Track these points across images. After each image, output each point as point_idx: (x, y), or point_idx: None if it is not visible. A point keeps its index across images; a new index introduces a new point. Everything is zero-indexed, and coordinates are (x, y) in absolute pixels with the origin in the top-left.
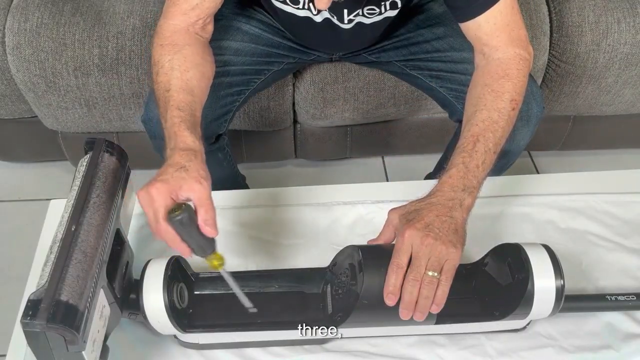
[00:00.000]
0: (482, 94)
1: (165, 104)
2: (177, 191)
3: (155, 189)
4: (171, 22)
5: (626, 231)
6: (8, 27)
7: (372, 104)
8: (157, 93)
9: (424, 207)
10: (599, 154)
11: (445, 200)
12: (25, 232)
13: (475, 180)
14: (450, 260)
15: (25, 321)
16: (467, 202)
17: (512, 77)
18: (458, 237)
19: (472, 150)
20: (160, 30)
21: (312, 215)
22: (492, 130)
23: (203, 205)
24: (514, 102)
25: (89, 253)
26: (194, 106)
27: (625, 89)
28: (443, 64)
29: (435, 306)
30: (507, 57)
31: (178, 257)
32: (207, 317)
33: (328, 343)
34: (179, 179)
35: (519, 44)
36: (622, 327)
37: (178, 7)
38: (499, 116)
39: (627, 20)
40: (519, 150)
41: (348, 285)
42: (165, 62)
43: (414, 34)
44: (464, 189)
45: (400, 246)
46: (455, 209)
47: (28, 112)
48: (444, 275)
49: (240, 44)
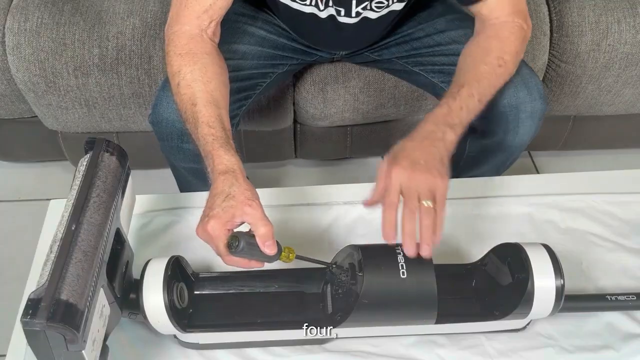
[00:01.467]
0: (471, 50)
1: (194, 120)
2: (231, 222)
3: (210, 227)
4: (186, 27)
5: (626, 231)
6: (8, 27)
7: (372, 104)
8: (181, 105)
9: (408, 144)
10: (599, 154)
11: (427, 132)
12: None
13: (458, 120)
14: (439, 189)
15: (25, 320)
16: (449, 137)
17: (502, 38)
18: (443, 166)
19: (456, 94)
20: (175, 38)
21: (312, 215)
22: (477, 80)
23: (258, 225)
24: (500, 59)
25: (89, 252)
26: (223, 118)
27: (626, 89)
28: (445, 57)
29: (435, 236)
30: (502, 21)
31: (178, 257)
32: (207, 317)
33: (328, 343)
34: (229, 209)
35: (519, 14)
36: (622, 327)
37: (190, 10)
38: (485, 69)
39: (627, 20)
40: (523, 145)
41: (348, 285)
42: (186, 73)
43: (415, 30)
44: (445, 124)
45: (389, 186)
46: (438, 140)
47: (28, 112)
48: (439, 204)
49: (248, 47)
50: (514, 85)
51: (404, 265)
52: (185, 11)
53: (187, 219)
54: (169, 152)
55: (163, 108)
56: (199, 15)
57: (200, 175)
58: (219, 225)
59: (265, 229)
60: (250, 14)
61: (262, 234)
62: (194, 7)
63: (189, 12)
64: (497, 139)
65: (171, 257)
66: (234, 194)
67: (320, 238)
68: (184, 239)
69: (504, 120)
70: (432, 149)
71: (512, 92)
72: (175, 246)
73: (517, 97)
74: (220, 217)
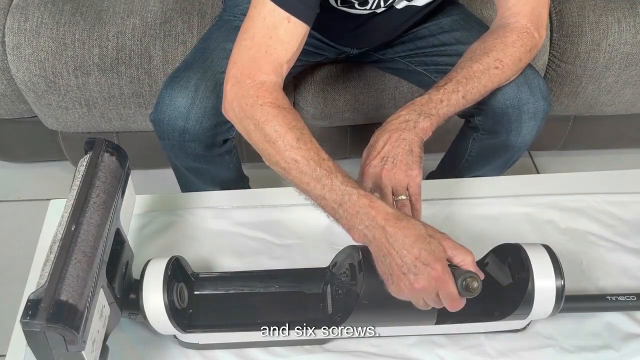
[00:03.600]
0: (473, 48)
1: (328, 170)
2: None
3: (441, 270)
4: (272, 77)
5: (626, 231)
6: (8, 27)
7: (372, 105)
8: (288, 165)
9: (379, 138)
10: (599, 154)
11: (398, 123)
12: (25, 232)
13: (435, 111)
14: (411, 181)
15: (25, 321)
16: (422, 125)
17: (508, 41)
18: (414, 157)
19: (441, 87)
20: (255, 88)
21: (312, 215)
22: (468, 77)
23: (462, 252)
24: (498, 61)
25: (88, 253)
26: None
27: (626, 89)
28: (449, 57)
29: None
30: (515, 25)
31: (178, 257)
32: (207, 317)
33: (328, 343)
34: (439, 248)
35: (535, 21)
36: (622, 327)
37: (274, 57)
38: (479, 67)
39: (627, 20)
40: (525, 145)
41: (348, 285)
42: (302, 128)
43: (420, 28)
44: (420, 113)
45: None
46: (408, 130)
47: (28, 112)
48: (413, 197)
49: None
50: (517, 85)
51: None
52: (266, 58)
53: (187, 219)
54: (170, 151)
55: (165, 106)
56: (282, 64)
57: (201, 174)
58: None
59: (470, 255)
60: None
61: (471, 262)
62: (277, 55)
63: (271, 60)
64: (499, 139)
65: (171, 257)
66: (431, 233)
67: (320, 238)
68: (184, 239)
69: (506, 120)
70: (401, 142)
71: (515, 92)
72: (175, 246)
73: (520, 98)
74: (441, 258)
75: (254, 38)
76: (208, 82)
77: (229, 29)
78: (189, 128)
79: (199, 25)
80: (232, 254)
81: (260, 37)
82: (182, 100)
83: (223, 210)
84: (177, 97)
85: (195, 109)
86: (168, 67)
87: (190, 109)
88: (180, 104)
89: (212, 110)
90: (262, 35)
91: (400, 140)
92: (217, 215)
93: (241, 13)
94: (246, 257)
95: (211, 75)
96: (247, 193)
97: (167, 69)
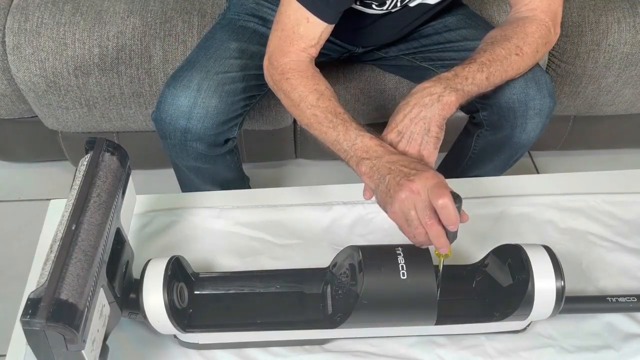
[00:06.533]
0: (493, 34)
1: (344, 122)
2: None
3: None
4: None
5: (626, 231)
6: (8, 27)
7: (372, 105)
8: (310, 120)
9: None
10: (599, 154)
11: (422, 96)
12: (25, 232)
13: (460, 86)
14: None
15: (25, 320)
16: (447, 99)
17: (528, 31)
18: (429, 137)
19: (466, 65)
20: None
21: (312, 215)
22: (491, 60)
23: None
24: (518, 48)
25: (89, 252)
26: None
27: (626, 89)
28: (455, 53)
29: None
30: (534, 18)
31: (178, 257)
32: (207, 317)
33: (328, 343)
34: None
35: (552, 17)
36: (622, 327)
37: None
38: (501, 52)
39: (627, 20)
40: (529, 143)
41: (348, 285)
42: (324, 88)
43: (426, 26)
44: (445, 87)
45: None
46: (430, 105)
47: (28, 112)
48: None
49: (257, 47)
50: (525, 81)
51: (404, 266)
52: (291, 47)
53: (187, 219)
54: (171, 150)
55: (168, 105)
56: (306, 48)
57: (202, 174)
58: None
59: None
60: (261, 16)
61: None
62: (299, 44)
63: (295, 49)
64: (504, 134)
65: (171, 257)
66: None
67: (320, 238)
68: (184, 239)
69: (512, 115)
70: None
71: (522, 88)
72: (175, 246)
73: (527, 93)
74: (434, 172)
75: (283, 30)
76: (210, 82)
77: (233, 28)
78: (191, 127)
79: (199, 24)
80: (232, 254)
81: (287, 30)
82: (184, 99)
83: (223, 210)
84: (180, 96)
85: (197, 108)
86: (168, 67)
87: (193, 109)
88: (182, 103)
89: (215, 110)
90: (288, 29)
91: (420, 118)
92: (217, 215)
93: (246, 12)
94: (246, 257)
95: (213, 74)
96: (248, 193)
97: (168, 69)
